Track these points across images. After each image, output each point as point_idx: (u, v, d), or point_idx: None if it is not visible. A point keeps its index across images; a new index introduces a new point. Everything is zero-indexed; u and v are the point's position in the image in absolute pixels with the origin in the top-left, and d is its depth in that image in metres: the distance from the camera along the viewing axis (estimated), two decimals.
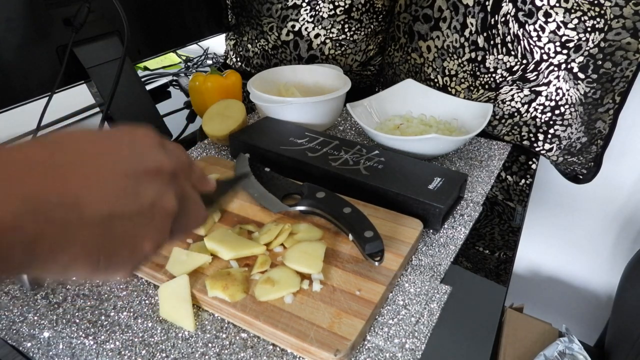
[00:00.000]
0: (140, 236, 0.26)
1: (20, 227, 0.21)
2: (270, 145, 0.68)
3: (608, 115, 0.75)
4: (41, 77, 0.68)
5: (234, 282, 0.46)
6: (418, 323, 0.46)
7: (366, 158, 0.65)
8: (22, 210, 0.21)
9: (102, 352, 0.42)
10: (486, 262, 0.58)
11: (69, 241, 0.23)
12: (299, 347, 0.42)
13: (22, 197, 0.21)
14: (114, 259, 0.25)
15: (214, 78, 0.81)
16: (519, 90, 0.78)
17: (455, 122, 0.80)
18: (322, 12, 0.92)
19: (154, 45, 0.89)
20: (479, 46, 0.78)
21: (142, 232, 0.26)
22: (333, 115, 0.80)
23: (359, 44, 0.95)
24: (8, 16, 0.62)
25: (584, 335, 1.02)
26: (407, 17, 0.87)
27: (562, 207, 1.15)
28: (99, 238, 0.24)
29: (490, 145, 0.81)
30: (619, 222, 1.10)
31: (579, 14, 0.68)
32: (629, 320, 0.86)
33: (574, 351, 0.84)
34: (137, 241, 0.26)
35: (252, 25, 0.99)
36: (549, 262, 1.26)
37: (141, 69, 1.17)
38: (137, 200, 0.25)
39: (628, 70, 0.70)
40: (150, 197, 0.26)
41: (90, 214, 0.23)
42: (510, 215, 0.67)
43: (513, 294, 1.27)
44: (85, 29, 0.69)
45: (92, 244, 0.23)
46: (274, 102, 0.75)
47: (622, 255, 1.13)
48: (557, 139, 0.78)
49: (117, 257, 0.25)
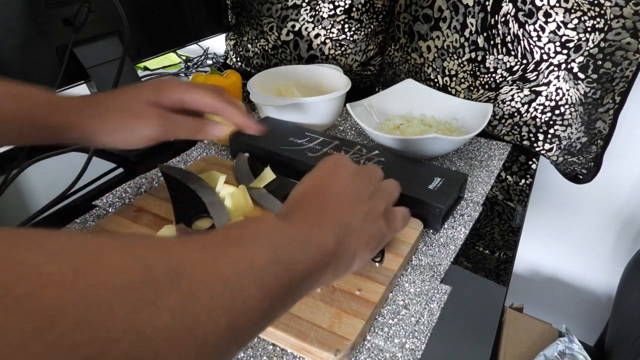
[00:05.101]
0: (379, 228, 0.37)
1: (335, 249, 0.32)
2: (270, 145, 0.68)
3: (608, 115, 0.75)
4: (41, 77, 0.68)
5: None
6: (418, 323, 0.46)
7: (366, 158, 0.65)
8: (337, 236, 0.33)
9: None
10: (486, 262, 0.58)
11: (351, 246, 0.34)
12: (299, 347, 0.42)
13: (336, 226, 0.33)
14: (373, 246, 0.37)
15: (214, 78, 0.81)
16: (519, 90, 0.78)
17: (455, 122, 0.80)
18: (322, 12, 0.92)
19: (154, 45, 0.89)
20: (479, 46, 0.78)
21: (379, 225, 0.37)
22: (333, 115, 0.80)
23: (359, 44, 0.95)
24: (8, 16, 0.62)
25: (584, 335, 1.02)
26: (407, 17, 0.87)
27: (562, 207, 1.15)
28: (362, 239, 0.35)
29: (490, 145, 0.81)
30: (619, 222, 1.10)
31: (579, 14, 0.68)
32: (629, 320, 0.86)
33: (574, 351, 0.84)
34: (377, 229, 0.37)
35: (252, 25, 0.99)
36: (549, 262, 1.26)
37: (141, 69, 1.17)
38: (371, 211, 0.37)
39: (628, 70, 0.70)
40: (377, 206, 0.38)
41: (354, 226, 0.35)
42: (510, 215, 0.67)
43: (513, 294, 1.27)
44: (85, 29, 0.69)
45: (361, 243, 0.35)
46: (274, 102, 0.75)
47: (622, 256, 1.13)
48: (557, 139, 0.78)
49: (374, 244, 0.37)
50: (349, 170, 0.39)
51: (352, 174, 0.38)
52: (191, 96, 0.51)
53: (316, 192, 0.37)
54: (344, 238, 0.33)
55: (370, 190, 0.38)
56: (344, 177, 0.38)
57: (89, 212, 0.60)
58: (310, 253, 0.30)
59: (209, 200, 0.55)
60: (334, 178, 0.38)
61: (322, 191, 0.37)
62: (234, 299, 0.23)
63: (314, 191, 0.37)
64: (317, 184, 0.38)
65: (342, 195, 0.36)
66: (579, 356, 0.84)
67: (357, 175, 0.38)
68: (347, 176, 0.38)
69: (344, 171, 0.38)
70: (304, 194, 0.37)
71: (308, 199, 0.36)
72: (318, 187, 0.37)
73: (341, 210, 0.35)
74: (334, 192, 0.36)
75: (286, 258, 0.28)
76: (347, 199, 0.36)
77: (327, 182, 0.37)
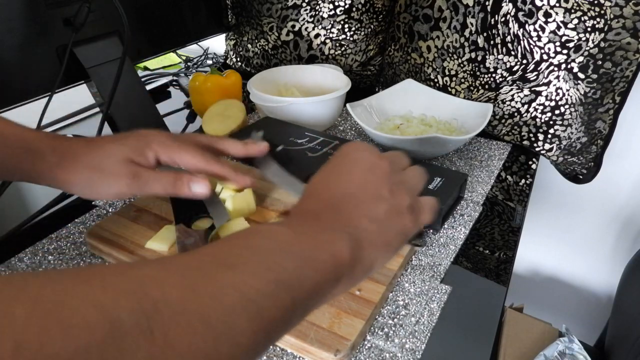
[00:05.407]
0: (404, 225, 0.34)
1: (350, 257, 0.29)
2: (270, 145, 0.68)
3: (608, 115, 0.75)
4: (41, 77, 0.68)
5: None
6: (418, 323, 0.46)
7: None
8: (352, 243, 0.29)
9: None
10: (486, 262, 0.58)
11: (369, 252, 0.31)
12: (299, 347, 0.42)
13: (351, 231, 0.30)
14: (396, 245, 0.33)
15: (214, 78, 0.81)
16: (519, 90, 0.78)
17: (455, 122, 0.80)
18: (322, 12, 0.92)
19: (154, 45, 0.89)
20: (479, 46, 0.78)
21: (404, 222, 0.34)
22: (333, 115, 0.80)
23: (359, 44, 0.95)
24: (8, 16, 0.62)
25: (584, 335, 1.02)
26: (407, 17, 0.87)
27: (562, 207, 1.15)
28: (382, 241, 0.32)
29: (490, 145, 0.81)
30: (619, 222, 1.10)
31: (579, 14, 0.68)
32: (629, 320, 0.86)
33: (574, 351, 0.84)
34: (401, 227, 0.34)
35: (252, 25, 0.99)
36: (549, 262, 1.26)
37: (141, 69, 1.17)
38: (393, 208, 0.33)
39: (628, 70, 0.70)
40: (401, 201, 0.34)
41: (373, 229, 0.31)
42: (510, 215, 0.67)
43: (513, 294, 1.27)
44: (85, 29, 0.69)
45: (381, 246, 0.32)
46: (274, 102, 0.75)
47: (622, 256, 1.13)
48: (557, 139, 0.78)
49: (397, 243, 0.33)
50: (366, 162, 0.35)
51: (369, 167, 0.34)
52: (177, 158, 0.48)
53: (329, 193, 0.33)
54: (360, 244, 0.30)
55: (392, 183, 0.34)
56: (361, 172, 0.34)
57: (89, 212, 0.60)
58: (319, 266, 0.27)
59: (209, 201, 0.55)
60: (349, 175, 0.34)
61: (335, 192, 0.33)
62: (218, 341, 0.20)
63: (327, 192, 0.33)
64: (330, 183, 0.34)
65: (359, 195, 0.33)
66: (579, 356, 0.84)
67: (376, 168, 0.34)
68: (364, 171, 0.34)
69: (360, 165, 0.34)
70: (315, 195, 0.34)
71: (319, 201, 0.33)
72: (331, 187, 0.34)
73: (358, 213, 0.31)
74: (350, 192, 0.33)
75: (289, 277, 0.25)
76: (365, 199, 0.32)
77: (342, 180, 0.34)
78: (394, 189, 0.34)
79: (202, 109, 0.80)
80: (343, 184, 0.34)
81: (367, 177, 0.34)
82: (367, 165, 0.34)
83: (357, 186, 0.33)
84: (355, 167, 0.34)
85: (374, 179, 0.34)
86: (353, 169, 0.34)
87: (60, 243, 0.55)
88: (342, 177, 0.34)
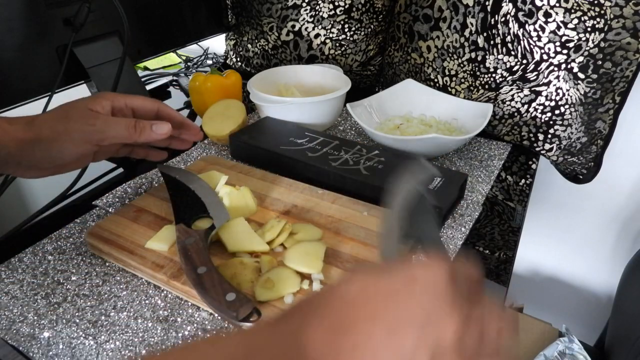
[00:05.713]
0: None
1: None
2: (270, 145, 0.68)
3: (608, 115, 0.75)
4: (41, 77, 0.68)
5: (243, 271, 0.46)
6: None
7: (366, 158, 0.65)
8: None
9: (102, 352, 0.42)
10: (486, 262, 0.58)
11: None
12: None
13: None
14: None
15: (214, 78, 0.81)
16: (519, 90, 0.78)
17: (455, 122, 0.80)
18: (322, 12, 0.92)
19: (154, 45, 0.89)
20: (479, 46, 0.78)
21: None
22: (333, 115, 0.80)
23: (359, 44, 0.95)
24: (8, 16, 0.62)
25: (584, 335, 1.02)
26: (407, 17, 0.87)
27: (562, 207, 1.15)
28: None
29: (490, 145, 0.81)
30: (619, 222, 1.10)
31: (579, 14, 0.68)
32: (629, 320, 0.86)
33: (574, 351, 0.84)
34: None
35: (252, 25, 0.99)
36: (549, 262, 1.26)
37: (141, 69, 1.17)
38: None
39: (628, 70, 0.70)
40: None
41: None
42: (510, 215, 0.67)
43: (513, 294, 1.27)
44: (85, 29, 0.69)
45: None
46: (274, 102, 0.75)
47: (622, 256, 1.13)
48: (557, 139, 0.78)
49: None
50: (425, 308, 0.23)
51: (425, 318, 0.23)
52: (130, 102, 0.53)
53: (355, 312, 0.23)
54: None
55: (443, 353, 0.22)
56: (412, 323, 0.22)
57: (89, 212, 0.60)
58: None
59: (209, 201, 0.55)
60: (395, 313, 0.23)
61: (363, 319, 0.23)
62: None
63: (354, 310, 0.23)
64: (368, 302, 0.23)
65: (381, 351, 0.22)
66: (579, 356, 0.84)
67: (435, 322, 0.22)
68: (416, 324, 0.22)
69: (416, 307, 0.23)
70: (344, 299, 0.24)
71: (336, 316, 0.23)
72: (361, 310, 0.23)
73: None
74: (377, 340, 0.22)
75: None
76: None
77: (379, 313, 0.23)
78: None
79: (202, 109, 0.80)
80: (379, 318, 0.23)
81: (411, 331, 0.22)
82: (425, 314, 0.23)
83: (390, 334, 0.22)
84: (410, 306, 0.23)
85: (417, 335, 0.22)
86: (408, 304, 0.23)
87: (60, 243, 0.55)
88: (385, 310, 0.23)
